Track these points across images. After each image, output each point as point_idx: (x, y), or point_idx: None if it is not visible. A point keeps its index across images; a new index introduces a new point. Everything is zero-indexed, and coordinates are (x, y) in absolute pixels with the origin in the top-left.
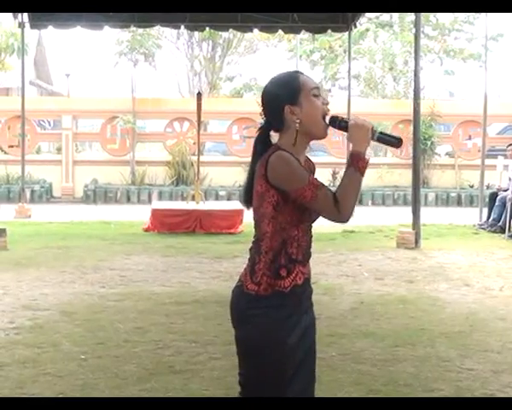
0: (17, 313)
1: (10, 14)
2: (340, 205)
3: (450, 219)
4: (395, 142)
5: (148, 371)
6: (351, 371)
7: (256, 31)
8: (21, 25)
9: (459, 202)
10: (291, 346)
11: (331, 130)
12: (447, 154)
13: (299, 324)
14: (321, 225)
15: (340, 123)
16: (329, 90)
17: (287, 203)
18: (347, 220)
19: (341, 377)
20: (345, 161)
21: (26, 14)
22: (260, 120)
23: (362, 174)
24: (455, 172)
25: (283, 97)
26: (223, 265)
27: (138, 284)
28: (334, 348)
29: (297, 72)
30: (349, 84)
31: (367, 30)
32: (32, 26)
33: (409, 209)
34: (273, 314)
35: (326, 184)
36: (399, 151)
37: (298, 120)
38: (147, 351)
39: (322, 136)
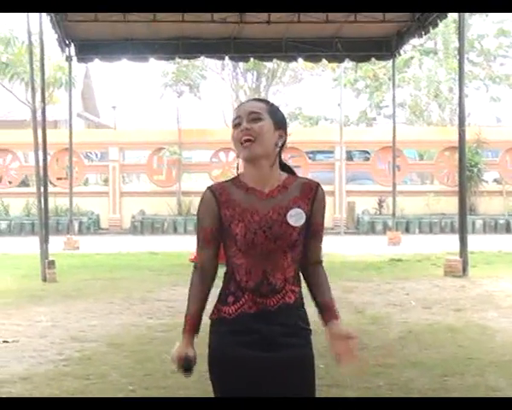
0: (66, 344)
1: (58, 49)
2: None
3: (499, 246)
4: None
5: None
6: None
7: (300, 60)
8: (69, 58)
9: (508, 229)
10: (221, 375)
11: (377, 158)
12: (495, 180)
13: (249, 357)
14: (367, 254)
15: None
16: (374, 119)
17: (221, 233)
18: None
19: None
20: (391, 189)
21: (73, 48)
22: (306, 149)
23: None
24: (503, 198)
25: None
26: None
27: None
28: (382, 378)
29: (239, 104)
30: (394, 112)
31: (411, 57)
32: (79, 60)
33: (456, 237)
34: (215, 339)
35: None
36: (445, 179)
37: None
38: (194, 382)
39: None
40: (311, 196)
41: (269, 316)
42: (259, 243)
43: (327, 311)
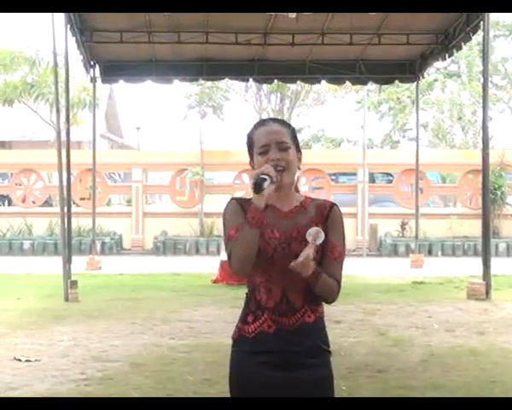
0: (87, 364)
1: (83, 70)
2: (230, 257)
3: None
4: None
5: None
6: None
7: (323, 82)
8: (93, 79)
9: None
10: (241, 394)
11: (399, 181)
12: None
13: (268, 377)
14: (390, 276)
15: (254, 186)
16: (398, 142)
17: None
18: (236, 272)
19: None
20: (413, 211)
21: (97, 69)
22: (329, 171)
23: (250, 225)
24: None
25: (248, 151)
26: None
27: (207, 336)
28: None
29: (257, 124)
30: (417, 135)
31: (435, 80)
32: (104, 81)
33: (479, 260)
34: (235, 359)
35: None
36: (468, 202)
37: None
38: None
39: (261, 203)
40: (325, 214)
41: (288, 336)
42: (279, 260)
43: None
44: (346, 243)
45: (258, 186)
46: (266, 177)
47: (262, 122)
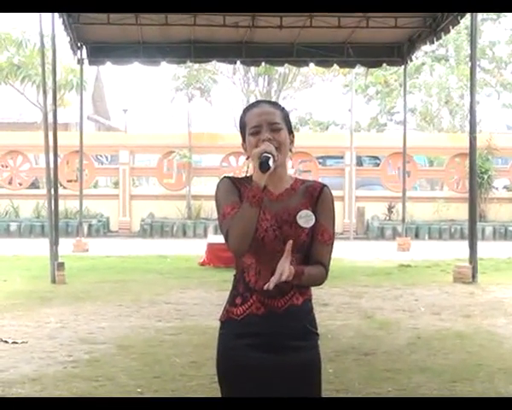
0: (75, 346)
1: (70, 51)
2: (228, 235)
3: (509, 253)
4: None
5: None
6: None
7: (311, 65)
8: (80, 61)
9: None
10: (228, 376)
11: (387, 164)
12: (505, 187)
13: (256, 359)
14: (376, 259)
15: (261, 165)
16: (385, 125)
17: None
18: (233, 250)
19: None
20: (400, 194)
21: (84, 51)
22: (317, 155)
23: (250, 204)
24: None
25: (240, 133)
26: None
27: (194, 318)
28: (390, 384)
29: (249, 106)
30: (404, 119)
31: (423, 64)
32: (91, 63)
33: (466, 243)
34: (222, 342)
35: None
36: (455, 185)
37: (246, 156)
38: (202, 385)
39: (262, 181)
40: (316, 196)
41: (277, 318)
42: (269, 242)
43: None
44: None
45: (265, 165)
46: (269, 155)
47: (254, 104)
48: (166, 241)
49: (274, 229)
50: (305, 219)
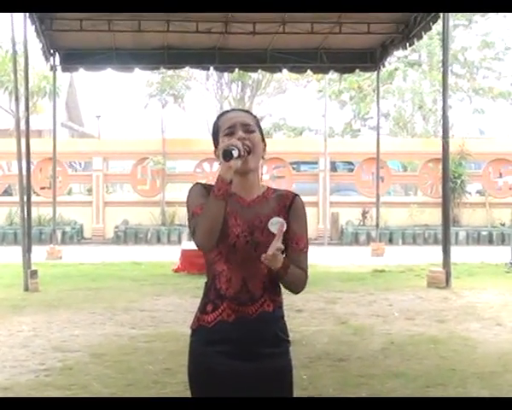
0: (47, 354)
1: (42, 58)
2: (195, 231)
3: (482, 257)
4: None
5: None
6: None
7: (285, 71)
8: (53, 68)
9: (490, 241)
10: (198, 384)
11: (361, 169)
12: (478, 192)
13: (227, 366)
14: (351, 264)
15: (224, 153)
16: (358, 130)
17: None
18: (200, 245)
19: None
20: (374, 200)
21: (57, 58)
22: (291, 160)
23: (215, 197)
24: (486, 210)
25: (213, 139)
26: None
27: (168, 325)
28: (364, 389)
29: (223, 112)
30: (378, 124)
31: (396, 69)
32: (64, 69)
33: (439, 248)
34: (193, 350)
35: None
36: (429, 190)
37: (219, 162)
38: (176, 392)
39: (228, 175)
40: (288, 204)
41: (248, 325)
42: (240, 248)
43: None
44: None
45: (227, 153)
46: (234, 147)
47: (228, 110)
48: (140, 248)
49: (245, 235)
50: (277, 225)
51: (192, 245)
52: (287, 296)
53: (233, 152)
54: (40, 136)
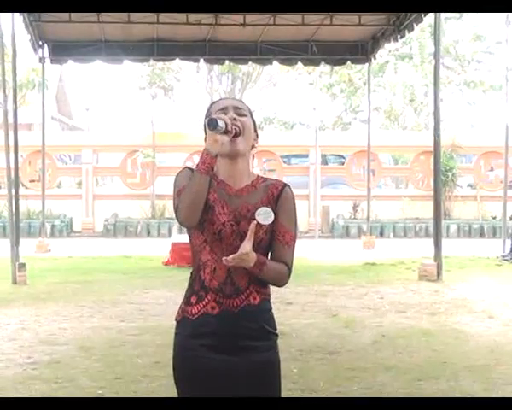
0: (35, 347)
1: (31, 50)
2: (178, 207)
3: (473, 250)
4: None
5: None
6: None
7: (275, 63)
8: (42, 60)
9: (482, 234)
10: (183, 378)
11: (352, 163)
12: (469, 185)
13: (212, 360)
14: (341, 258)
15: (209, 121)
16: (349, 124)
17: None
18: (182, 220)
19: None
20: (365, 193)
21: (46, 50)
22: (281, 153)
23: (199, 171)
24: (477, 203)
25: (204, 128)
26: None
27: (157, 318)
28: (356, 382)
29: (217, 100)
30: (369, 117)
31: (387, 62)
32: (53, 61)
33: (430, 241)
34: (178, 342)
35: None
36: (420, 183)
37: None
38: (165, 386)
39: (213, 148)
40: (276, 194)
41: (232, 318)
42: (226, 237)
43: None
44: (297, 224)
45: (212, 121)
46: (221, 120)
47: (221, 98)
48: (130, 241)
49: (232, 224)
50: (264, 215)
51: (182, 238)
52: (277, 289)
53: (219, 121)
54: (30, 129)
